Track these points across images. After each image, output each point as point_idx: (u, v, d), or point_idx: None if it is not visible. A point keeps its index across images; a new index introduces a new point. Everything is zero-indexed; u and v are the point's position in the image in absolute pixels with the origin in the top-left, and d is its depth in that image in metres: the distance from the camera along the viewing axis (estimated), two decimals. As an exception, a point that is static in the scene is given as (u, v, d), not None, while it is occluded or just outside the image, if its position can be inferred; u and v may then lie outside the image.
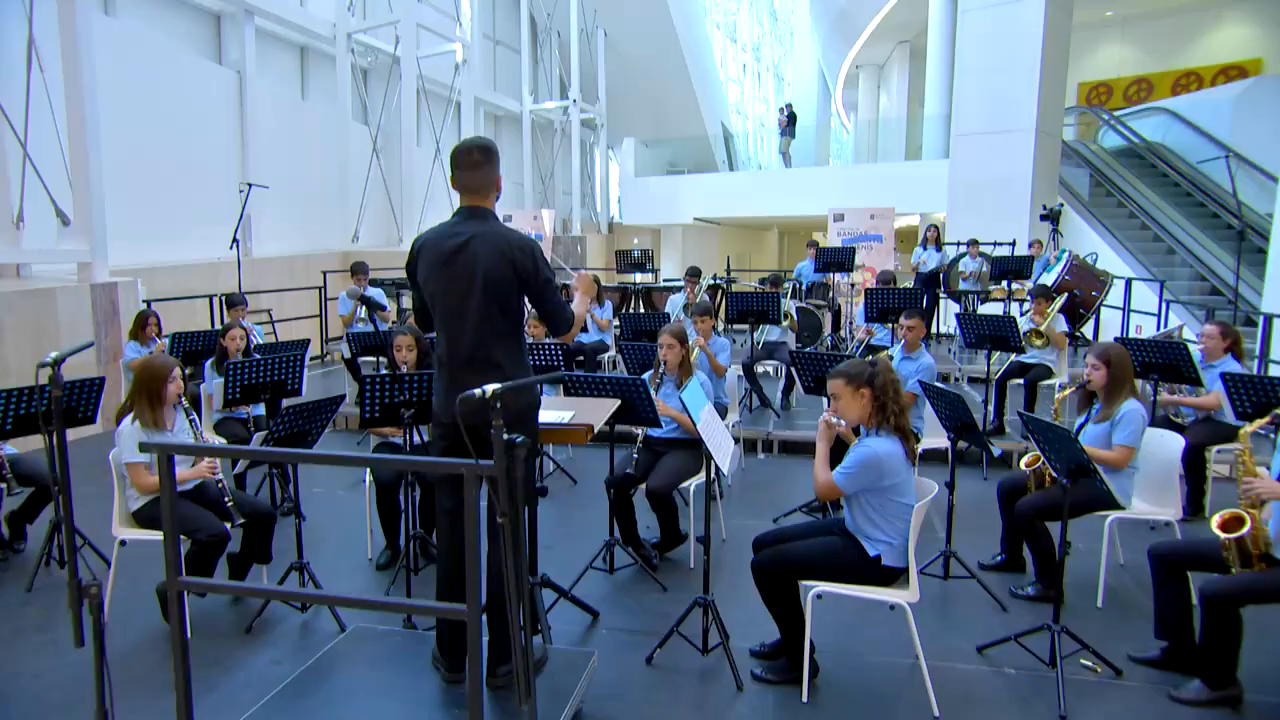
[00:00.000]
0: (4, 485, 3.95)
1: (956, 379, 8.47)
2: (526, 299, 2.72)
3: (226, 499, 3.45)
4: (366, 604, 2.85)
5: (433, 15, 15.02)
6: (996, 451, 3.61)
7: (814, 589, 2.88)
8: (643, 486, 4.09)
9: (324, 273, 10.38)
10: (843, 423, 3.03)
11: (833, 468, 2.93)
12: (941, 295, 9.99)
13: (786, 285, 7.50)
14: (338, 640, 3.00)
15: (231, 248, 7.95)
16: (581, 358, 7.43)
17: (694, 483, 4.19)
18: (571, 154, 19.99)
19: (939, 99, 16.12)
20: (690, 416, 2.89)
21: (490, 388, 1.69)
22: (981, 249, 9.88)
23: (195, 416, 3.53)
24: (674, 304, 7.75)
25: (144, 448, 1.96)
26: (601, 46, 20.14)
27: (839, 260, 8.92)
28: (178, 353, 5.71)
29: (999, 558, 4.11)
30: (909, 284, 9.81)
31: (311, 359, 9.13)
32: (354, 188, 13.20)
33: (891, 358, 4.90)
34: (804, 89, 29.86)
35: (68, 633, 3.40)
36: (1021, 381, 6.10)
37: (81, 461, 4.11)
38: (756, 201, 18.07)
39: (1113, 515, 3.67)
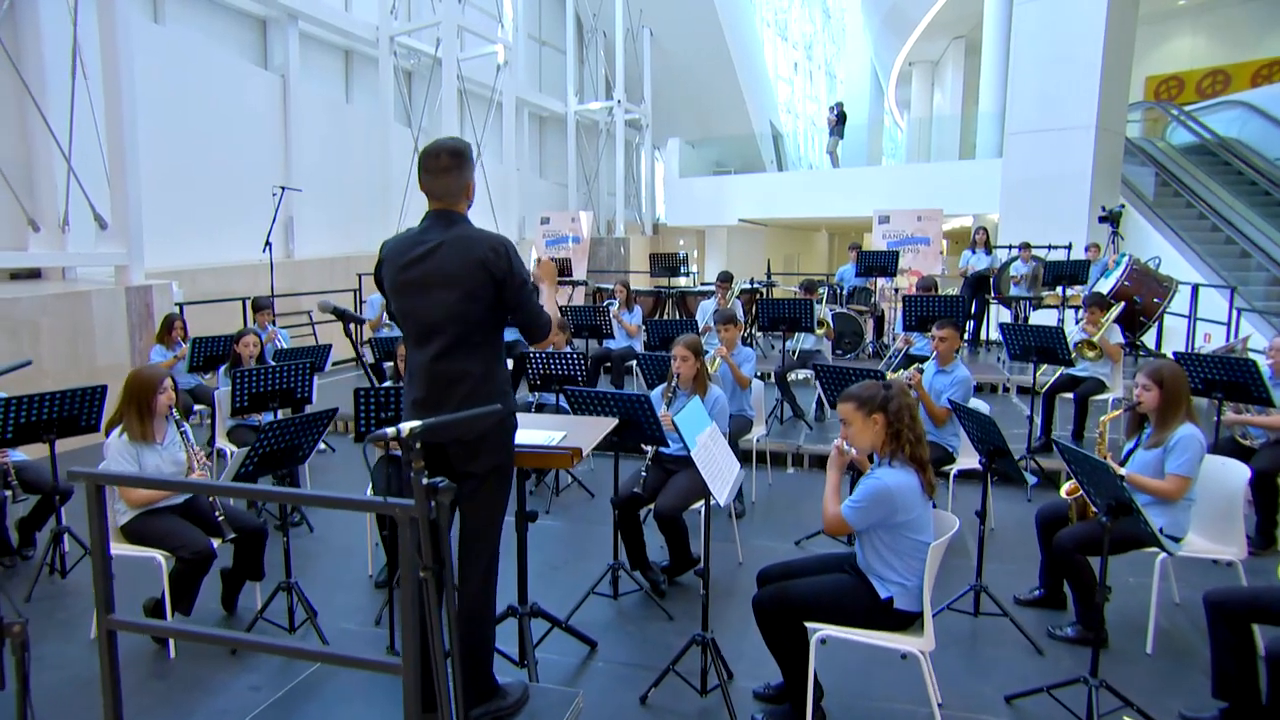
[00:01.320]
0: (9, 492, 3.94)
1: (1005, 389, 8.05)
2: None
3: (217, 514, 3.36)
4: (297, 653, 2.70)
5: (475, 16, 15.03)
6: (1032, 480, 3.29)
7: (818, 632, 2.63)
8: (652, 506, 3.87)
9: (359, 275, 10.40)
10: (854, 450, 2.77)
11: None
12: (991, 300, 9.52)
13: (823, 291, 7.19)
14: (311, 671, 2.87)
15: (264, 250, 7.98)
16: (609, 364, 7.25)
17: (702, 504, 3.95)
18: (616, 155, 19.84)
19: (994, 96, 15.51)
20: (684, 442, 2.66)
21: (406, 426, 1.50)
22: (1034, 252, 9.39)
23: (187, 428, 3.44)
24: (704, 310, 7.51)
25: (72, 476, 1.83)
26: (647, 46, 19.95)
27: (881, 264, 8.56)
28: (198, 358, 5.70)
29: (1037, 592, 3.78)
30: (952, 290, 9.36)
31: (337, 363, 9.14)
32: (395, 189, 13.25)
33: (921, 371, 4.60)
34: (856, 87, 29.18)
35: (56, 645, 3.37)
36: (1071, 396, 5.71)
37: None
38: (803, 202, 17.65)
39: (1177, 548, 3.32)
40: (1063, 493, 3.58)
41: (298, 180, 11.55)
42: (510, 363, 6.43)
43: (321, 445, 6.17)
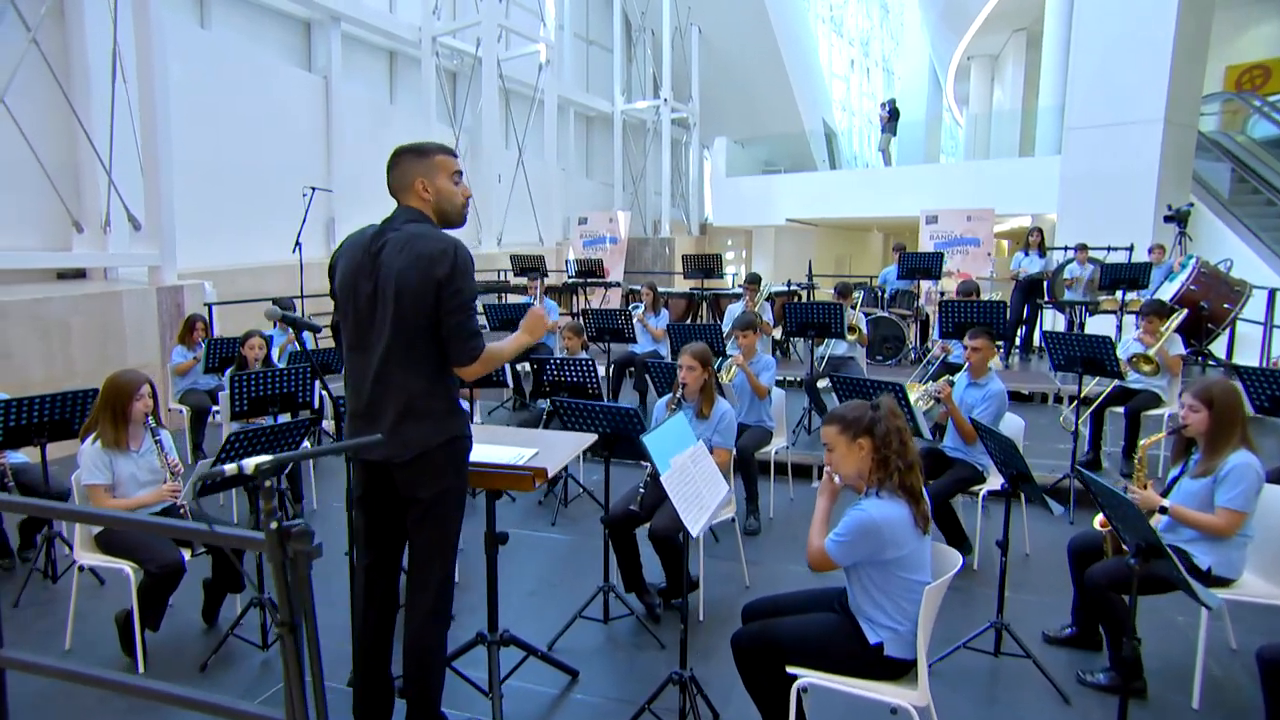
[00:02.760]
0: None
1: (1058, 399, 7.57)
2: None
3: (190, 525, 3.25)
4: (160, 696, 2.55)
5: (520, 16, 15.00)
6: (1057, 510, 2.96)
7: (801, 678, 2.37)
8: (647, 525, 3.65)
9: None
10: (838, 478, 2.50)
11: None
12: (1045, 305, 9.00)
13: (858, 294, 6.85)
14: (272, 693, 2.73)
15: (294, 250, 7.99)
16: (632, 369, 7.04)
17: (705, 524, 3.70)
18: (662, 154, 19.62)
19: (1055, 90, 14.79)
20: (653, 465, 2.43)
21: (251, 462, 1.31)
22: (1092, 254, 8.83)
23: (163, 436, 3.36)
24: (731, 314, 7.22)
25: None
26: (695, 44, 19.68)
27: (925, 266, 8.15)
28: (213, 359, 5.69)
29: (1068, 630, 3.44)
30: (996, 295, 8.87)
31: None
32: (437, 190, 13.27)
33: (952, 383, 4.27)
34: (913, 83, 28.38)
35: (31, 656, 3.31)
36: (1122, 410, 5.28)
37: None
38: (853, 202, 17.14)
39: (1220, 593, 2.95)
40: (1096, 523, 3.23)
41: (338, 181, 11.66)
42: (527, 365, 6.29)
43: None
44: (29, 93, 6.91)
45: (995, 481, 4.28)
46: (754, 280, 7.11)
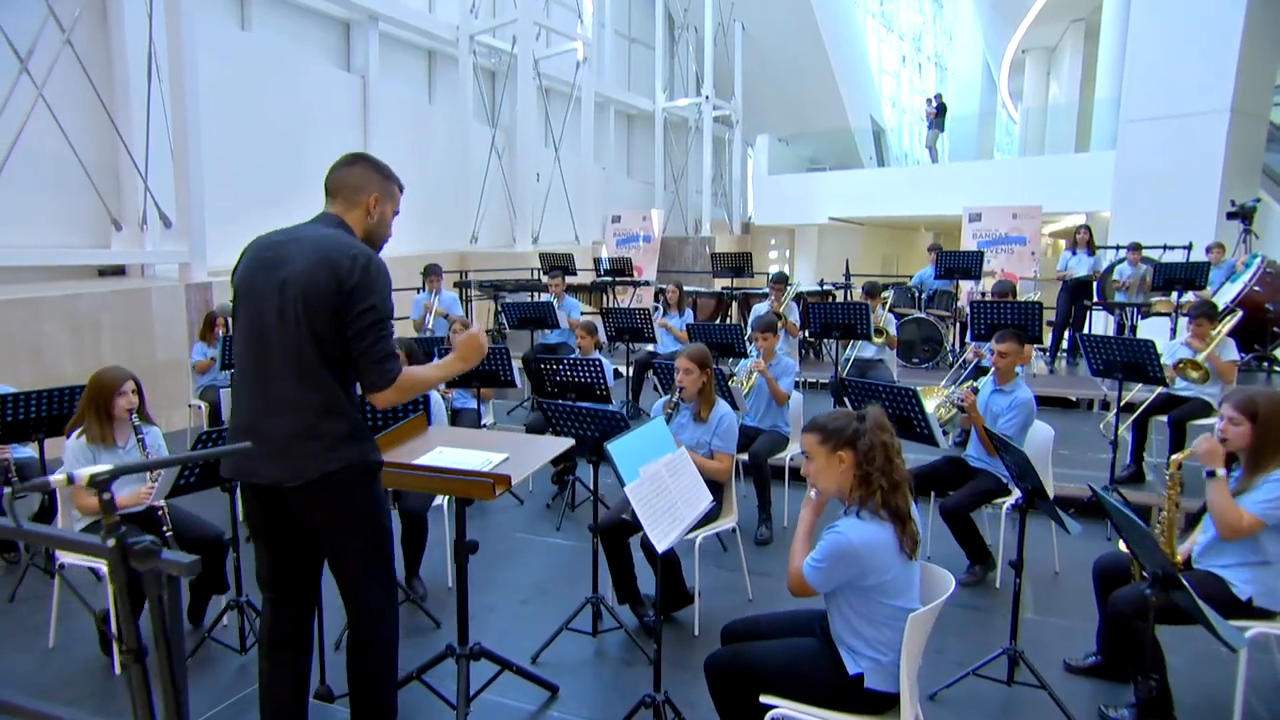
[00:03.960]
0: (9, 489, 3.94)
1: (1105, 405, 7.17)
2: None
3: (165, 529, 3.20)
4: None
5: (559, 14, 14.96)
6: (1074, 529, 2.71)
7: (775, 709, 2.19)
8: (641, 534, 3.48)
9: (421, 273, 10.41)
10: (812, 492, 2.31)
11: None
12: (1094, 307, 8.55)
13: (888, 294, 6.57)
14: (247, 693, 2.64)
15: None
16: (652, 371, 6.87)
17: (704, 533, 3.53)
18: (703, 152, 19.39)
19: (1112, 82, 14.15)
20: (617, 473, 2.27)
21: (85, 472, 1.18)
22: (1145, 254, 8.36)
23: (146, 434, 3.31)
24: (755, 314, 6.99)
25: None
26: (739, 40, 19.41)
27: (964, 265, 7.81)
28: (228, 356, 5.70)
29: (1092, 659, 3.16)
30: (1036, 296, 8.44)
31: None
32: (473, 187, 13.30)
33: (975, 390, 4.00)
34: (966, 78, 27.62)
35: (11, 655, 3.29)
36: (1166, 419, 4.92)
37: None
38: (899, 200, 16.67)
39: (1254, 628, 2.66)
40: (1122, 545, 2.96)
41: (375, 180, 11.73)
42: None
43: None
44: (72, 94, 7.06)
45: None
46: (780, 279, 6.87)
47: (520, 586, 4.00)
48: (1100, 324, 9.66)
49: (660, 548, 2.23)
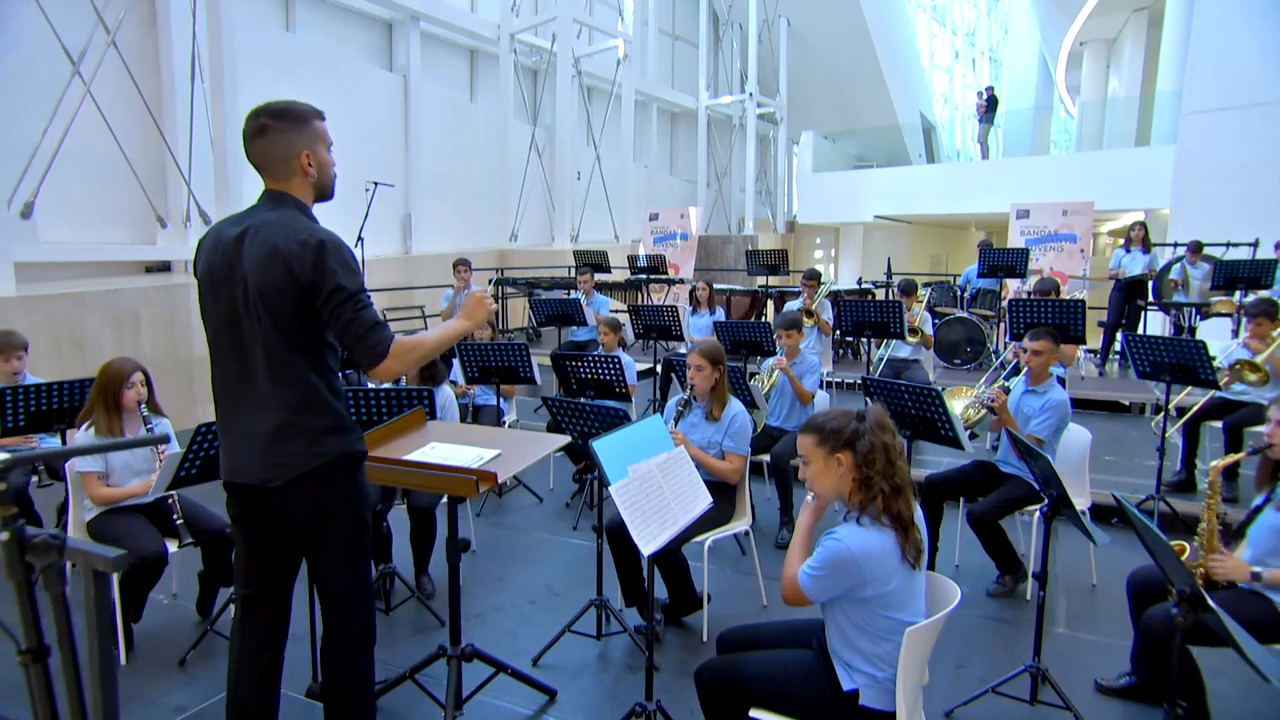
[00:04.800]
0: (35, 477, 4.03)
1: (1158, 409, 6.81)
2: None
3: (175, 517, 3.21)
4: None
5: (601, 11, 14.91)
6: (1102, 540, 2.52)
7: (764, 724, 2.07)
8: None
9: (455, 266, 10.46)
10: (810, 496, 2.18)
11: None
12: (1148, 307, 8.15)
13: (925, 293, 6.33)
14: (209, 703, 2.62)
15: (356, 245, 8.10)
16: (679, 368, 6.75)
17: (714, 536, 3.41)
18: (747, 150, 19.18)
19: (1175, 73, 13.53)
20: (602, 471, 2.17)
21: None
22: (1206, 253, 7.93)
23: (155, 424, 3.32)
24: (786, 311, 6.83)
25: None
26: (784, 37, 19.14)
27: (1008, 263, 7.51)
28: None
29: (1125, 679, 2.96)
30: (1081, 294, 8.08)
31: None
32: (513, 185, 13.34)
33: (1006, 390, 3.80)
34: (1021, 72, 26.85)
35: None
36: (1220, 425, 4.63)
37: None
38: (947, 198, 16.24)
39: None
40: (1158, 558, 2.75)
41: (416, 179, 11.85)
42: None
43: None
44: (120, 95, 7.24)
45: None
46: (813, 276, 6.69)
47: (531, 587, 3.92)
48: (1157, 325, 9.23)
49: (646, 551, 2.12)
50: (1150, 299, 8.18)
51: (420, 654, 2.93)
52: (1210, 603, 1.81)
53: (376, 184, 8.32)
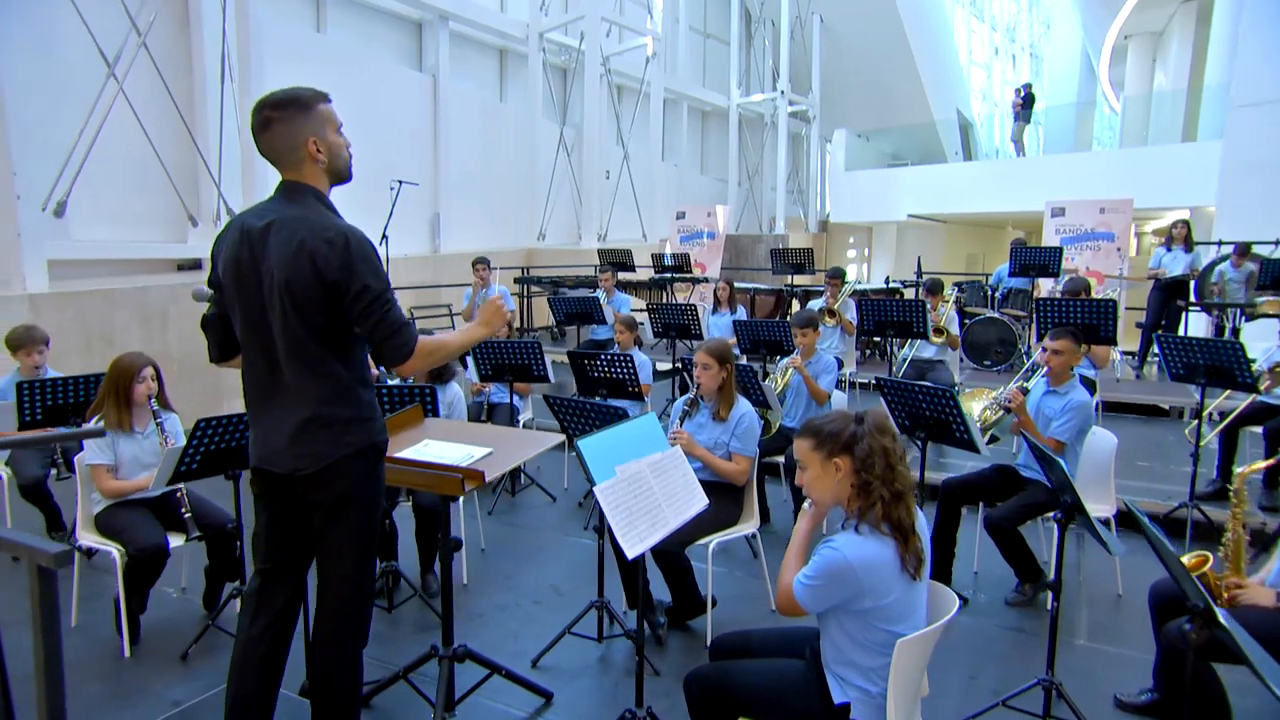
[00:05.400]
0: (54, 470, 4.09)
1: (1197, 414, 6.55)
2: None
3: (183, 510, 3.23)
4: None
5: (630, 9, 14.87)
6: (1119, 550, 2.40)
7: (751, 735, 1.99)
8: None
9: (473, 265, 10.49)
10: (807, 504, 2.09)
11: None
12: (1189, 308, 7.87)
13: (951, 292, 6.17)
14: (207, 696, 2.62)
15: (381, 243, 8.15)
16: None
17: (719, 539, 3.33)
18: (779, 148, 18.99)
19: (1224, 67, 13.08)
20: (587, 471, 2.11)
21: None
22: (1253, 253, 7.62)
23: (164, 419, 3.35)
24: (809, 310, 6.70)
25: None
26: (817, 34, 18.91)
27: (1041, 262, 7.29)
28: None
29: (1146, 696, 2.82)
30: (1113, 294, 7.81)
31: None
32: (541, 184, 13.36)
33: (1025, 391, 3.67)
34: (1063, 67, 26.24)
35: (23, 634, 3.36)
36: (1260, 430, 4.43)
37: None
38: (983, 196, 15.88)
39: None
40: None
41: (445, 177, 11.92)
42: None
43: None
44: (155, 96, 7.38)
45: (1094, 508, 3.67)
46: (836, 275, 6.56)
47: (537, 587, 3.89)
48: (1200, 327, 8.91)
49: (630, 554, 2.06)
50: (1192, 299, 7.89)
51: (421, 652, 2.90)
52: (1221, 619, 1.69)
53: (401, 183, 8.37)
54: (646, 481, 2.26)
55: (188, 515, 3.22)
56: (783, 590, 2.01)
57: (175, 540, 3.25)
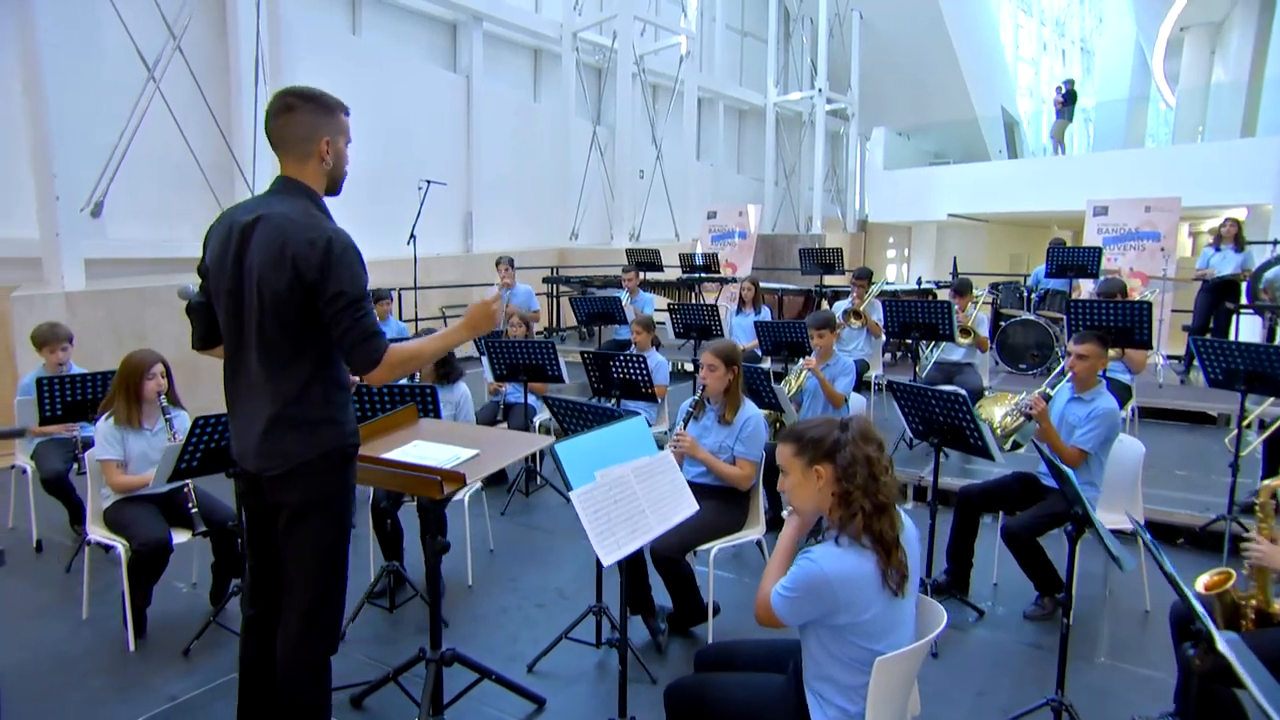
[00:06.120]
0: (75, 464, 4.17)
1: (1243, 424, 6.26)
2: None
3: (190, 506, 3.26)
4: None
5: (665, 8, 14.80)
6: (1129, 563, 2.27)
7: (727, 752, 1.92)
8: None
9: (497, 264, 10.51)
10: (786, 512, 2.01)
11: None
12: (1239, 310, 7.52)
13: (980, 294, 5.97)
14: (201, 691, 2.63)
15: (409, 243, 8.22)
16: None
17: (721, 545, 3.25)
18: (816, 147, 18.74)
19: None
20: (564, 475, 2.06)
21: None
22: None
23: (174, 416, 3.38)
24: (835, 311, 6.55)
25: None
26: (857, 30, 18.61)
27: (1079, 263, 7.03)
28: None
29: (1168, 718, 2.67)
30: (1151, 294, 7.49)
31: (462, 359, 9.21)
32: (574, 184, 13.36)
33: (1048, 397, 3.51)
34: (1115, 61, 25.45)
35: (47, 623, 3.44)
36: (1305, 441, 4.20)
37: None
38: (1026, 195, 15.42)
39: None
40: (1200, 585, 2.47)
41: (478, 177, 11.98)
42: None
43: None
44: (190, 97, 7.54)
45: (1106, 518, 3.51)
46: (863, 275, 6.42)
47: (542, 589, 3.85)
48: (1251, 331, 8.53)
49: (605, 561, 2.00)
50: (1245, 301, 7.54)
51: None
52: (1220, 645, 1.57)
53: (430, 182, 8.44)
54: (630, 487, 2.20)
55: (194, 511, 3.25)
56: (760, 600, 1.93)
57: (182, 536, 3.29)
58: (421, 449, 2.49)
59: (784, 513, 2.04)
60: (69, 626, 3.40)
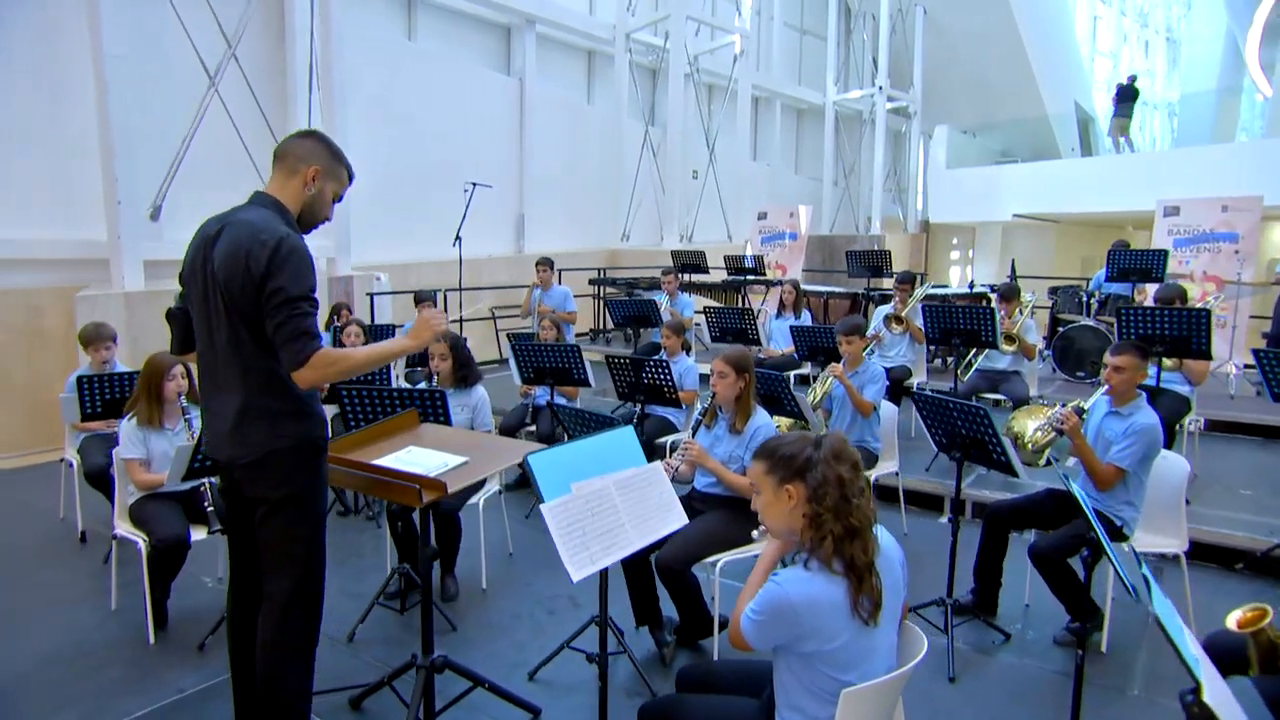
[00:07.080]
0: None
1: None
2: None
3: (206, 504, 3.34)
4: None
5: (721, 7, 14.69)
6: (1145, 596, 2.10)
7: (693, 779, 1.85)
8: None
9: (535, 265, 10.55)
10: (756, 532, 1.92)
11: None
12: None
13: (1030, 299, 5.69)
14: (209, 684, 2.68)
15: (455, 244, 8.32)
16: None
17: (728, 558, 3.16)
18: (876, 146, 18.32)
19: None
20: (537, 488, 2.02)
21: None
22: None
23: (193, 416, 3.47)
24: (878, 315, 6.37)
25: None
26: (920, 26, 18.13)
27: (1142, 266, 6.67)
28: (337, 344, 5.98)
29: (1197, 764, 2.47)
30: (1201, 298, 7.02)
31: (484, 363, 9.30)
32: (625, 184, 13.36)
33: (1083, 411, 3.31)
34: (1205, 51, 24.18)
35: (74, 613, 3.56)
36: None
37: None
38: (1095, 194, 14.74)
39: None
40: (1231, 623, 2.28)
41: (530, 179, 12.09)
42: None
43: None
44: (245, 103, 7.79)
45: (1142, 540, 3.31)
46: (907, 279, 6.21)
47: (554, 596, 3.82)
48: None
49: (575, 576, 1.95)
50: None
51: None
52: (1206, 697, 1.43)
53: (475, 185, 8.53)
54: (610, 499, 2.15)
55: (210, 509, 3.34)
56: (733, 621, 1.85)
57: (200, 533, 3.38)
58: (415, 455, 2.48)
59: (755, 533, 1.95)
60: (97, 617, 3.53)
